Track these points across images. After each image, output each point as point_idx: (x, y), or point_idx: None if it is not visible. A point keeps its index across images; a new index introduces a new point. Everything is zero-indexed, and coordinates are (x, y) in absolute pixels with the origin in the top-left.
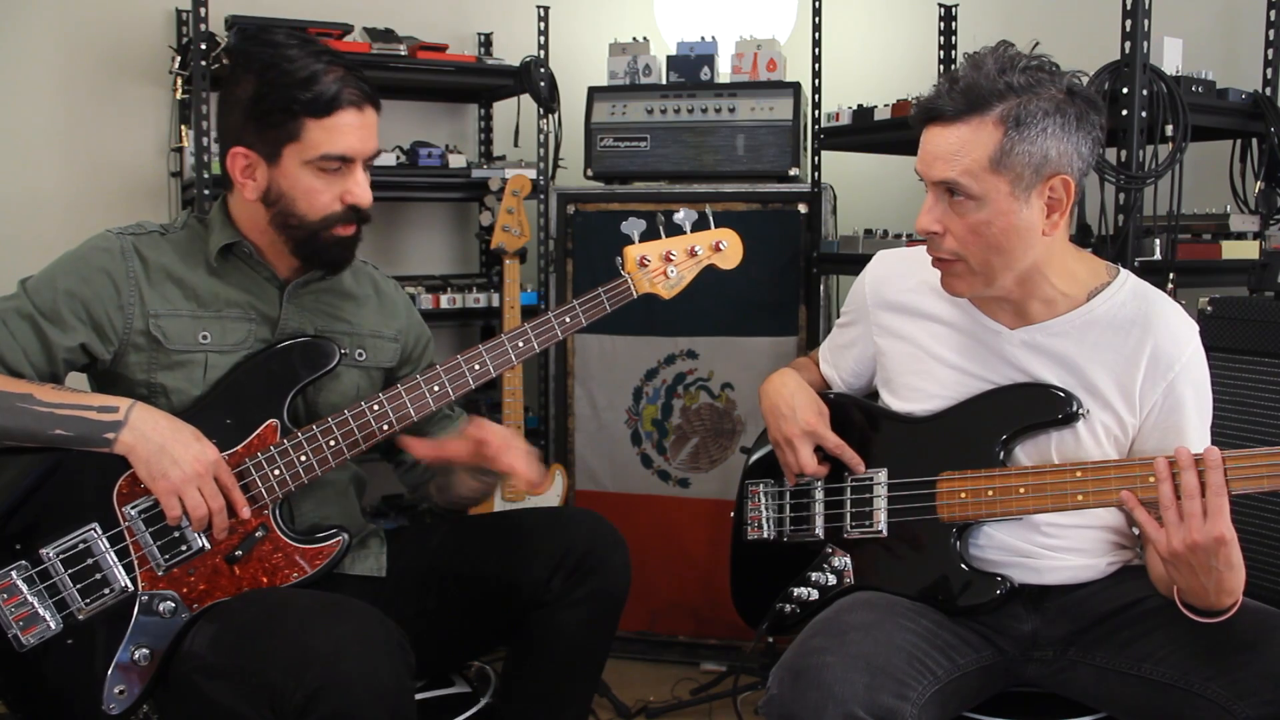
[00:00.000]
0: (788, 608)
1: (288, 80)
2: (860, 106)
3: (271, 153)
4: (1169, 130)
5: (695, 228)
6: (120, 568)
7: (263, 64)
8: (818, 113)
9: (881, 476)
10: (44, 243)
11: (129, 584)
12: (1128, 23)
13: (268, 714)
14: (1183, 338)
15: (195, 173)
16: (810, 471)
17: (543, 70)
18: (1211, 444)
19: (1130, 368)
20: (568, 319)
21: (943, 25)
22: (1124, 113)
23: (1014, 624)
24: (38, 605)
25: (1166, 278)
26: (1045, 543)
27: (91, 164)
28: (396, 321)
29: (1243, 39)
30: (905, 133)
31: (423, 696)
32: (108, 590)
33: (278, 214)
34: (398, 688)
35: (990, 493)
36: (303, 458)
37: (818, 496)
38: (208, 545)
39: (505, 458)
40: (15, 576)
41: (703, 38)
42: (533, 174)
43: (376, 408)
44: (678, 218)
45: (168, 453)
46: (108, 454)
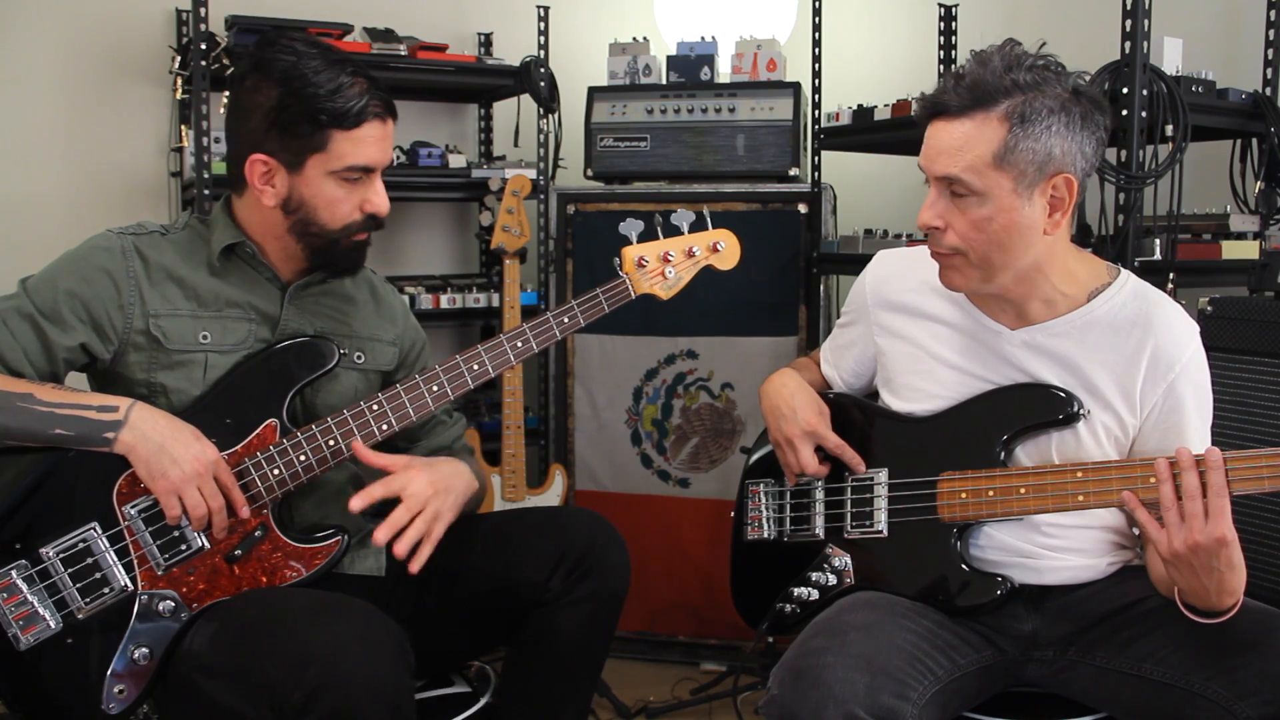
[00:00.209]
0: (788, 608)
1: (313, 91)
2: (860, 106)
3: (295, 161)
4: (1169, 130)
5: (693, 228)
6: (120, 567)
7: (285, 73)
8: (818, 113)
9: (882, 476)
10: (44, 242)
11: (128, 583)
12: (1128, 23)
13: (267, 713)
14: (1183, 338)
15: (195, 173)
16: (811, 471)
17: (543, 70)
18: (1212, 444)
19: (1131, 368)
20: (566, 319)
21: (943, 25)
22: (1124, 113)
23: (1014, 624)
24: (37, 604)
25: (1166, 278)
26: (1045, 543)
27: (91, 164)
28: (395, 326)
29: (1243, 39)
30: (905, 133)
31: (423, 696)
32: (107, 590)
33: (298, 221)
34: (397, 687)
35: (991, 493)
36: (302, 457)
37: (818, 496)
38: (207, 545)
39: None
40: (15, 576)
41: (703, 38)
42: (533, 174)
43: (376, 408)
44: (675, 218)
45: (167, 452)
46: (107, 453)
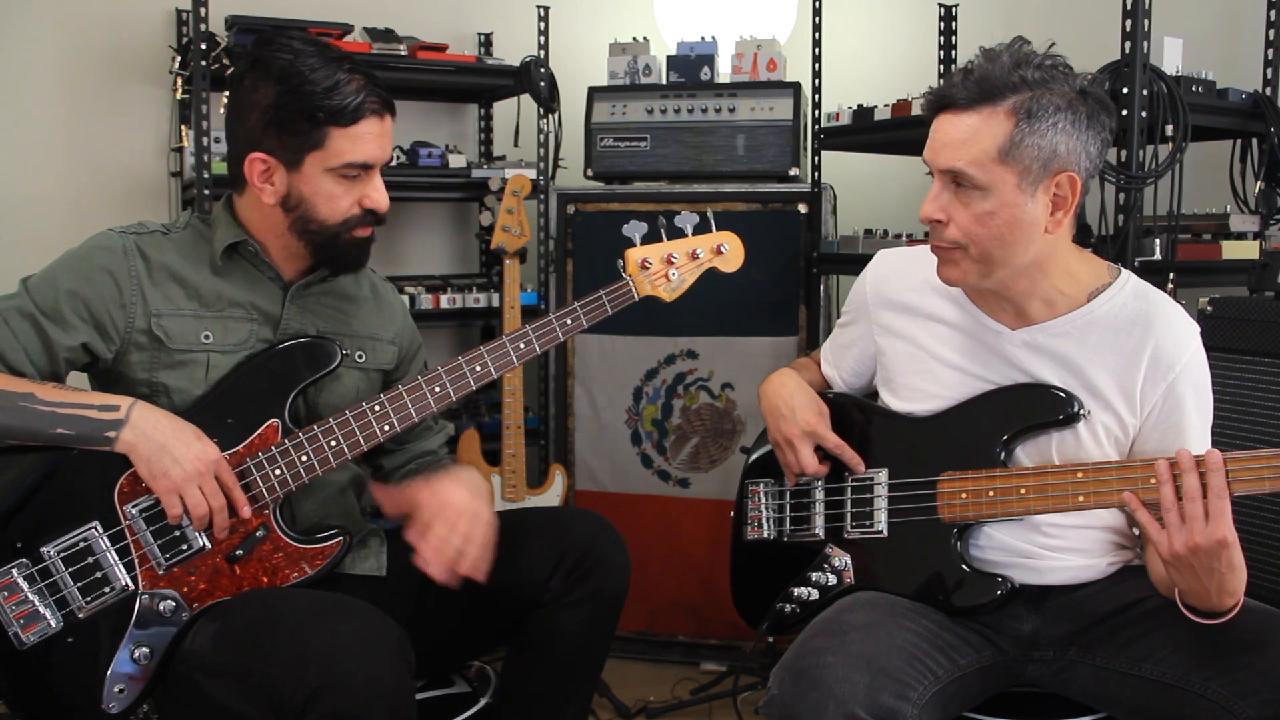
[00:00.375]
0: (788, 608)
1: (311, 89)
2: (860, 106)
3: (293, 159)
4: (1169, 130)
5: (697, 230)
6: (121, 566)
7: (282, 71)
8: (818, 113)
9: (882, 476)
10: (44, 242)
11: (129, 583)
12: (1128, 23)
13: (268, 713)
14: (1183, 338)
15: (195, 173)
16: (810, 471)
17: (543, 70)
18: (1212, 444)
19: (1131, 368)
20: (569, 321)
21: (943, 25)
22: (1124, 113)
23: (1014, 624)
24: (38, 603)
25: (1166, 278)
26: (1046, 543)
27: (92, 164)
28: (394, 324)
29: (1243, 39)
30: (905, 133)
31: (423, 696)
32: (108, 589)
33: (298, 219)
34: (398, 687)
35: (991, 493)
36: (304, 458)
37: (818, 496)
38: (208, 544)
39: (420, 541)
40: (16, 574)
41: (703, 38)
42: (533, 174)
43: (378, 408)
44: (679, 220)
45: (169, 451)
46: (109, 453)
